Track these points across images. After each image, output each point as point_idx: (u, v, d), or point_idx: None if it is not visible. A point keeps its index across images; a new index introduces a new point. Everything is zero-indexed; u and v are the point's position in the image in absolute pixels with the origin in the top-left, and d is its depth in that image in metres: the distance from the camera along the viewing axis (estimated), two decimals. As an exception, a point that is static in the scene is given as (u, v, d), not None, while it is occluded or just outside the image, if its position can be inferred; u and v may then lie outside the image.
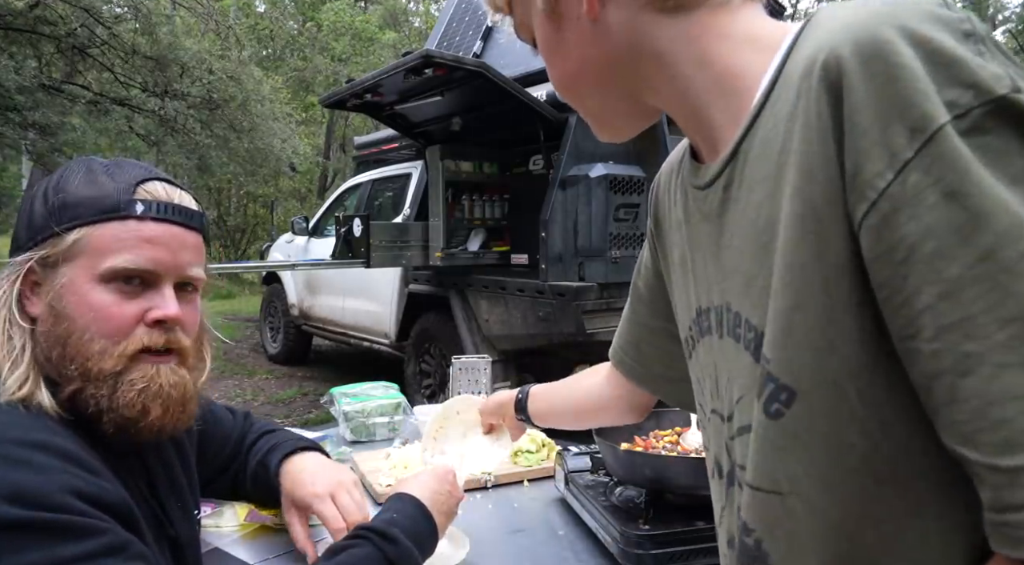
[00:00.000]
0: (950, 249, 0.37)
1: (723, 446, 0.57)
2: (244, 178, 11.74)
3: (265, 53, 16.86)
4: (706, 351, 0.59)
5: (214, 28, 11.72)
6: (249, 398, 5.61)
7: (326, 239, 5.62)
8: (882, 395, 0.42)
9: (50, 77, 9.18)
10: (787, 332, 0.45)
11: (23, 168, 15.56)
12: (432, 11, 19.17)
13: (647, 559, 0.99)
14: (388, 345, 5.09)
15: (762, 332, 0.47)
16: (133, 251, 0.71)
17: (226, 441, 1.10)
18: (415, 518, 0.89)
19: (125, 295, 0.71)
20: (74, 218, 0.70)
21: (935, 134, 0.37)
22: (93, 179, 0.73)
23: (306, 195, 17.36)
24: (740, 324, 0.51)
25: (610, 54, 0.55)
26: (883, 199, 0.38)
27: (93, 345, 0.69)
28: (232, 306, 11.06)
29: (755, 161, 0.48)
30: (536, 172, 4.19)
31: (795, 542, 0.48)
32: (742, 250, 0.50)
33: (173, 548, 0.80)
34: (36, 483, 0.59)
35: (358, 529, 0.85)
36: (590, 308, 3.53)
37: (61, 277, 0.70)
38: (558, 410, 1.05)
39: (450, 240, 4.29)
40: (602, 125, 0.63)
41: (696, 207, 0.58)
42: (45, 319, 0.71)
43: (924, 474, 0.43)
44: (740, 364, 0.52)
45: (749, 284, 0.49)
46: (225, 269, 7.14)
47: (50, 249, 0.70)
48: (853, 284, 0.41)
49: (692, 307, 0.62)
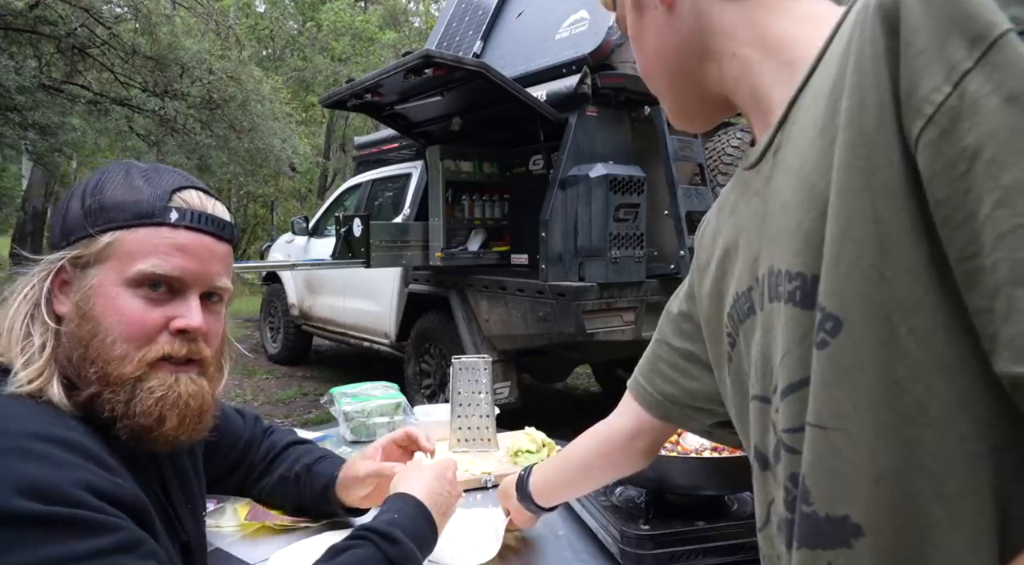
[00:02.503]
0: (1008, 154, 0.35)
1: (768, 427, 0.54)
2: (244, 178, 11.74)
3: (265, 53, 16.87)
4: (748, 335, 0.57)
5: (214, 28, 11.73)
6: (249, 398, 5.61)
7: (326, 239, 5.61)
8: (938, 335, 0.40)
9: (50, 77, 9.18)
10: (836, 261, 0.43)
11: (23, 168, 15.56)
12: (432, 11, 19.17)
13: (647, 559, 0.99)
14: (388, 345, 5.09)
15: (809, 275, 0.46)
16: (163, 257, 0.71)
17: (235, 443, 1.11)
18: (415, 519, 0.89)
19: (151, 302, 0.71)
20: (109, 221, 0.71)
21: (997, 40, 0.36)
22: (130, 183, 0.73)
23: (306, 195, 17.36)
24: (783, 281, 0.49)
25: (682, 39, 0.60)
26: (940, 113, 0.37)
27: (115, 349, 0.69)
28: (232, 306, 11.00)
29: (804, 113, 0.49)
30: (536, 172, 4.19)
31: (837, 480, 0.45)
32: (787, 203, 0.49)
33: (184, 552, 0.80)
34: (53, 478, 0.59)
35: (359, 529, 0.85)
36: (590, 308, 3.53)
37: (91, 278, 0.70)
38: (561, 478, 0.98)
39: (450, 240, 4.29)
40: (677, 113, 0.67)
41: (745, 190, 0.59)
42: (71, 319, 0.70)
43: (984, 427, 0.40)
44: (784, 323, 0.50)
45: (794, 234, 0.48)
46: (225, 269, 7.13)
47: (83, 250, 0.71)
48: (906, 211, 0.40)
49: (728, 301, 0.60)
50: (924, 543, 0.42)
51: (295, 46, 17.06)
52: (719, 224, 0.65)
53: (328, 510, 1.13)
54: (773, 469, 0.54)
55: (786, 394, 0.49)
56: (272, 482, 1.13)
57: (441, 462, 1.04)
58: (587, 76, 3.76)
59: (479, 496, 1.32)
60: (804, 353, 0.47)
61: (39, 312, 0.70)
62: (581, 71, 3.77)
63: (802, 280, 0.47)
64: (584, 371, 6.13)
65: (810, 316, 0.46)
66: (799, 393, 0.48)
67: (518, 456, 1.47)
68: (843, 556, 0.45)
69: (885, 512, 0.43)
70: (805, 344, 0.47)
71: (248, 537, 1.12)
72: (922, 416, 0.41)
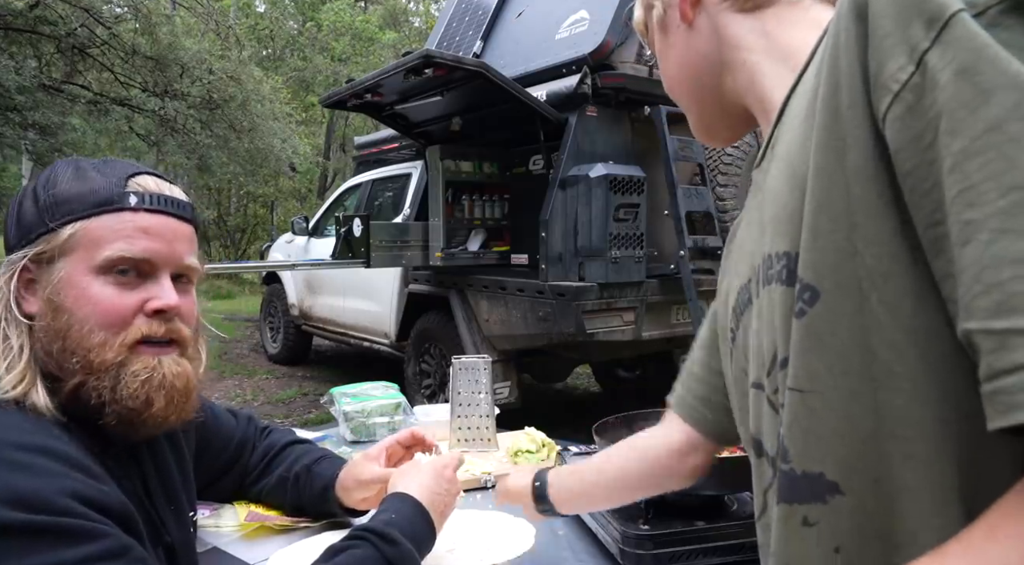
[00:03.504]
0: (959, 124, 0.37)
1: (761, 412, 0.56)
2: (244, 178, 11.74)
3: (265, 53, 16.87)
4: (747, 325, 0.59)
5: (214, 28, 11.73)
6: (249, 398, 5.61)
7: (326, 239, 5.62)
8: (906, 303, 0.42)
9: (50, 77, 9.18)
10: (813, 235, 0.46)
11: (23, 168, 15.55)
12: (432, 11, 19.18)
13: (647, 559, 0.99)
14: (388, 345, 5.09)
15: (793, 253, 0.48)
16: (128, 241, 0.71)
17: (227, 443, 1.11)
18: (413, 519, 0.89)
19: (123, 286, 0.71)
20: (67, 213, 0.71)
21: (950, 19, 0.38)
22: (83, 175, 0.73)
23: (306, 195, 17.36)
24: (773, 263, 0.52)
25: (701, 54, 0.64)
26: (906, 90, 0.40)
27: (93, 337, 0.69)
28: (232, 306, 11.06)
29: (794, 107, 0.52)
30: (536, 172, 4.19)
31: (812, 439, 0.47)
32: (777, 190, 0.52)
33: (168, 554, 0.80)
34: (37, 487, 0.59)
35: (356, 529, 0.85)
36: (590, 308, 3.53)
37: (58, 272, 0.70)
38: (591, 490, 0.94)
39: (450, 240, 4.29)
40: (702, 129, 0.71)
41: (753, 189, 0.62)
42: (44, 315, 0.70)
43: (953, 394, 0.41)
44: (775, 303, 0.52)
45: (782, 217, 0.51)
46: (225, 269, 7.15)
47: (44, 245, 0.70)
48: (876, 186, 0.42)
49: (734, 293, 0.63)
50: (894, 502, 0.43)
51: (295, 46, 17.06)
52: (735, 230, 0.69)
53: (327, 510, 1.12)
54: (768, 456, 0.55)
55: (781, 368, 0.51)
56: (271, 483, 1.13)
57: (439, 459, 1.03)
58: (587, 76, 3.76)
59: (479, 496, 1.32)
60: (785, 331, 0.49)
61: (10, 315, 0.70)
62: (581, 71, 3.77)
63: (788, 258, 0.49)
64: (584, 371, 6.13)
65: (792, 292, 0.48)
66: (785, 370, 0.50)
67: (518, 456, 1.47)
68: (817, 510, 0.48)
69: (858, 471, 0.45)
70: (786, 322, 0.49)
71: (248, 537, 1.12)
72: (892, 381, 0.43)
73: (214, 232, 15.11)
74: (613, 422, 1.25)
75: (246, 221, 16.45)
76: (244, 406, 5.34)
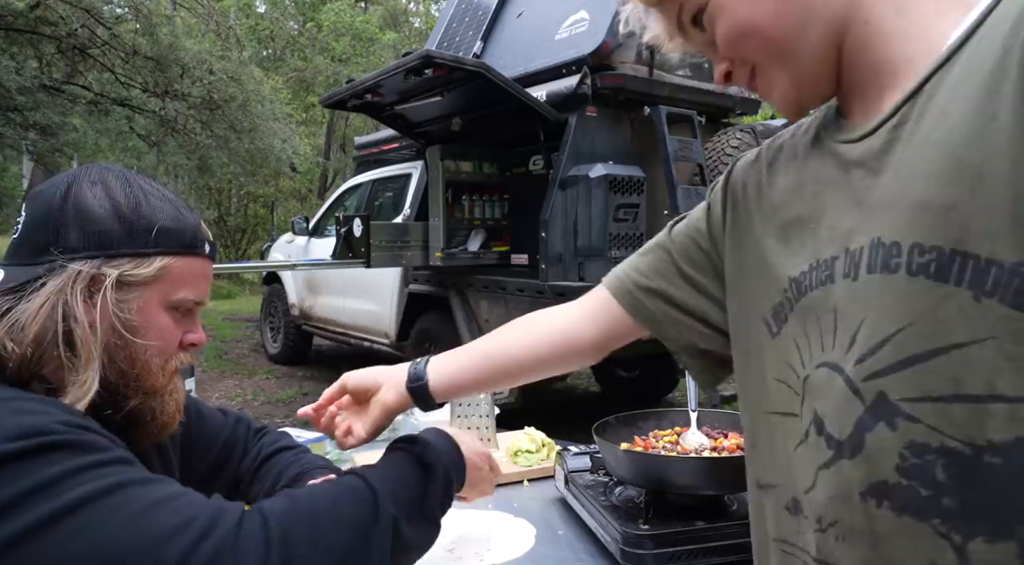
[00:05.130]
0: None
1: (842, 396, 0.55)
2: (244, 178, 11.75)
3: (265, 53, 16.88)
4: (820, 303, 0.58)
5: (214, 29, 11.75)
6: (249, 398, 5.61)
7: (326, 239, 5.62)
8: None
9: (51, 77, 9.19)
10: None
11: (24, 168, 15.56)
12: (432, 11, 19.18)
13: (647, 559, 0.99)
14: (388, 345, 5.09)
15: (947, 249, 0.48)
16: (198, 286, 0.79)
17: (211, 444, 1.08)
18: (451, 453, 0.85)
19: (176, 320, 0.78)
20: (161, 244, 0.75)
21: None
22: (170, 205, 0.77)
23: (306, 195, 17.36)
24: (902, 252, 0.51)
25: (806, 3, 0.57)
26: None
27: (152, 362, 0.75)
28: (232, 306, 11.07)
29: (950, 89, 0.50)
30: (536, 172, 4.19)
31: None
32: (918, 176, 0.51)
33: None
34: (42, 420, 0.60)
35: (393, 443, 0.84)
36: (590, 308, 3.53)
37: (135, 295, 0.73)
38: (489, 376, 0.91)
39: (450, 240, 4.29)
40: (787, 92, 0.62)
41: (838, 161, 0.59)
42: (106, 330, 0.71)
43: None
44: (889, 295, 0.51)
45: (930, 206, 0.49)
46: (225, 269, 7.15)
47: (132, 267, 0.72)
48: None
49: (799, 267, 0.61)
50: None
51: (295, 46, 17.07)
52: (762, 199, 0.67)
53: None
54: (832, 437, 0.55)
55: (905, 366, 0.50)
56: (266, 488, 1.10)
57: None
58: (587, 76, 3.76)
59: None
60: (934, 326, 0.49)
61: (75, 324, 0.69)
62: (581, 71, 3.77)
63: (938, 253, 0.48)
64: (584, 371, 6.13)
65: (945, 289, 0.48)
66: (927, 364, 0.49)
67: (518, 456, 1.47)
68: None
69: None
70: (933, 316, 0.48)
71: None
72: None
73: (214, 232, 15.03)
74: (613, 422, 1.25)
75: (246, 221, 16.45)
76: (244, 406, 5.34)
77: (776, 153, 0.69)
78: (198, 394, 2.74)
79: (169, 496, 0.60)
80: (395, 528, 0.68)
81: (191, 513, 0.59)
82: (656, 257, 0.81)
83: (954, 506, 0.48)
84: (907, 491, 0.51)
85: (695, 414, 1.22)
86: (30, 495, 0.55)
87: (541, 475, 1.42)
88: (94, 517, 0.56)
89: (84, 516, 0.55)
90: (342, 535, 0.64)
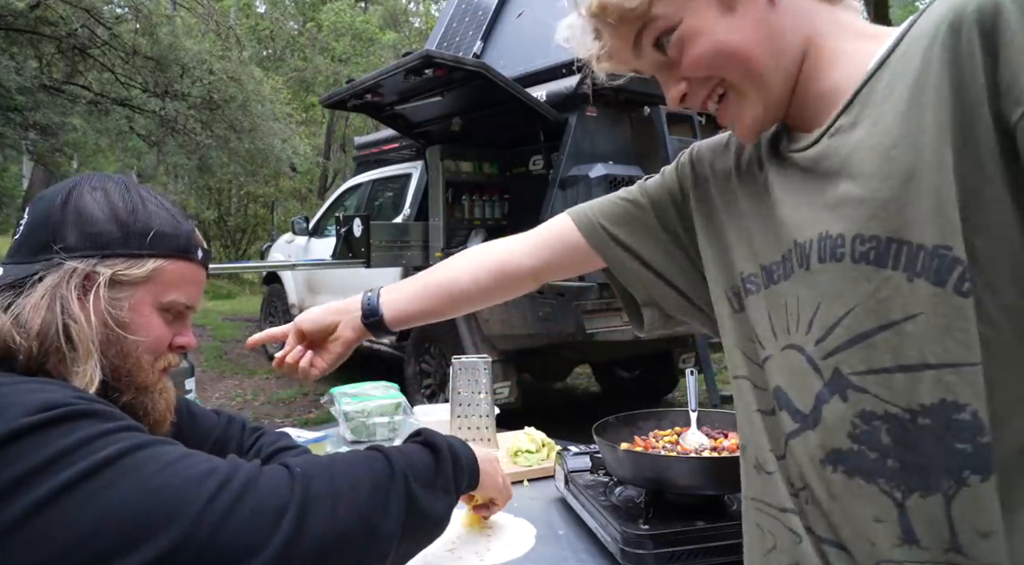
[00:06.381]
0: None
1: (804, 373, 0.61)
2: (244, 178, 11.74)
3: (265, 53, 16.87)
4: (785, 291, 0.64)
5: (214, 29, 11.75)
6: (249, 398, 5.61)
7: (326, 239, 5.62)
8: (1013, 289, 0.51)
9: (51, 77, 9.19)
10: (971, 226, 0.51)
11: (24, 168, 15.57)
12: (432, 11, 19.19)
13: (647, 559, 0.99)
14: (388, 345, 5.09)
15: (884, 237, 0.54)
16: (189, 290, 0.82)
17: (201, 444, 1.08)
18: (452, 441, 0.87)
19: (166, 321, 0.81)
20: (156, 247, 0.78)
21: None
22: (167, 211, 0.80)
23: (306, 195, 17.35)
24: (845, 243, 0.57)
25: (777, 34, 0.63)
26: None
27: (142, 360, 0.78)
28: (232, 306, 11.06)
29: (879, 100, 0.57)
30: (536, 172, 4.19)
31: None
32: (856, 176, 0.57)
33: None
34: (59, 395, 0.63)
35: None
36: (590, 308, 3.53)
37: (128, 294, 0.76)
38: (438, 306, 0.96)
39: (450, 240, 4.29)
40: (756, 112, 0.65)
41: (790, 167, 0.65)
42: (97, 326, 0.74)
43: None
44: (838, 281, 0.57)
45: (868, 202, 0.55)
46: (225, 269, 7.16)
47: (125, 267, 0.75)
48: (998, 177, 0.50)
49: (763, 255, 0.67)
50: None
51: (295, 46, 17.06)
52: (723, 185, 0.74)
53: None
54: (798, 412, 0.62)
55: (855, 342, 0.57)
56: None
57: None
58: (587, 76, 3.76)
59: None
60: (876, 306, 0.55)
61: (70, 319, 0.72)
62: (581, 71, 3.77)
63: (876, 242, 0.55)
64: (584, 371, 6.13)
65: (884, 273, 0.54)
66: (872, 340, 0.56)
67: (518, 456, 1.47)
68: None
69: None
70: (875, 297, 0.55)
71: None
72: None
73: (214, 232, 15.08)
74: (613, 422, 1.25)
75: (246, 221, 16.43)
76: (244, 406, 5.34)
77: (740, 150, 0.75)
78: (198, 394, 2.74)
79: (193, 451, 0.65)
80: (408, 487, 0.72)
81: (215, 462, 0.64)
82: (628, 213, 0.87)
83: (896, 466, 0.55)
84: (857, 456, 0.57)
85: (695, 414, 1.23)
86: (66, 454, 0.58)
87: (541, 475, 1.42)
88: (131, 466, 0.59)
89: (123, 466, 0.59)
90: (360, 483, 0.69)
